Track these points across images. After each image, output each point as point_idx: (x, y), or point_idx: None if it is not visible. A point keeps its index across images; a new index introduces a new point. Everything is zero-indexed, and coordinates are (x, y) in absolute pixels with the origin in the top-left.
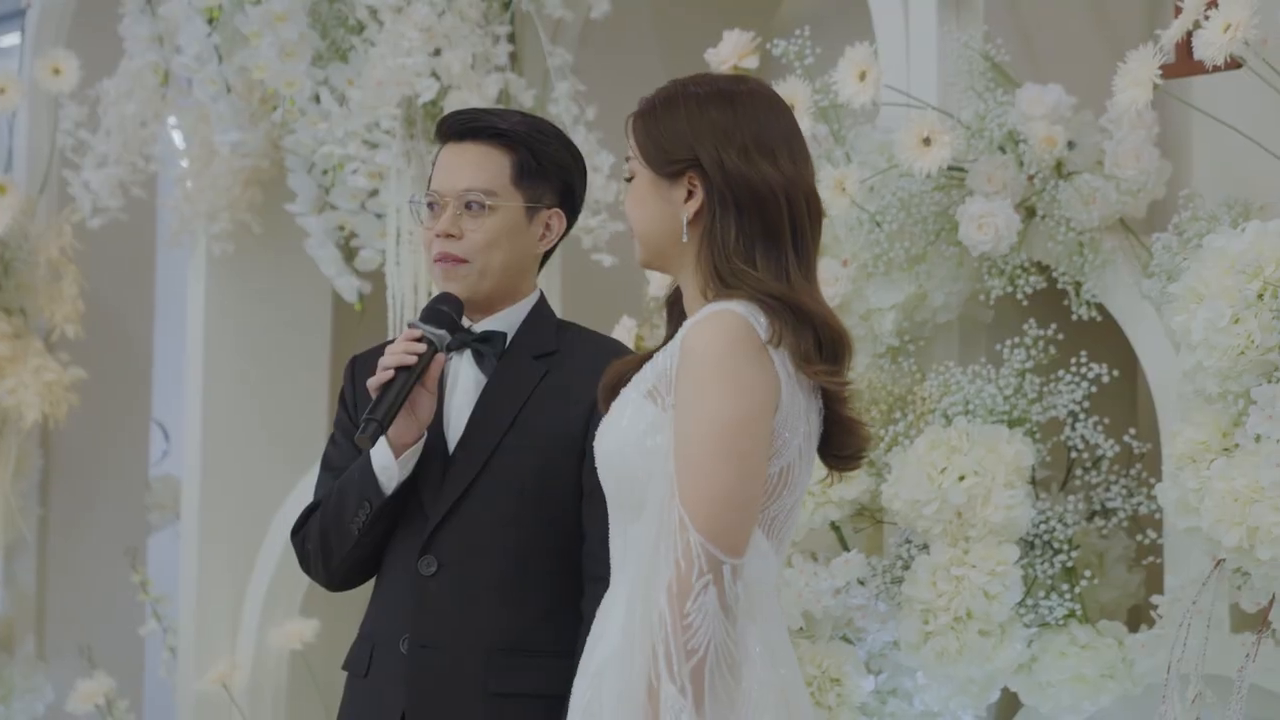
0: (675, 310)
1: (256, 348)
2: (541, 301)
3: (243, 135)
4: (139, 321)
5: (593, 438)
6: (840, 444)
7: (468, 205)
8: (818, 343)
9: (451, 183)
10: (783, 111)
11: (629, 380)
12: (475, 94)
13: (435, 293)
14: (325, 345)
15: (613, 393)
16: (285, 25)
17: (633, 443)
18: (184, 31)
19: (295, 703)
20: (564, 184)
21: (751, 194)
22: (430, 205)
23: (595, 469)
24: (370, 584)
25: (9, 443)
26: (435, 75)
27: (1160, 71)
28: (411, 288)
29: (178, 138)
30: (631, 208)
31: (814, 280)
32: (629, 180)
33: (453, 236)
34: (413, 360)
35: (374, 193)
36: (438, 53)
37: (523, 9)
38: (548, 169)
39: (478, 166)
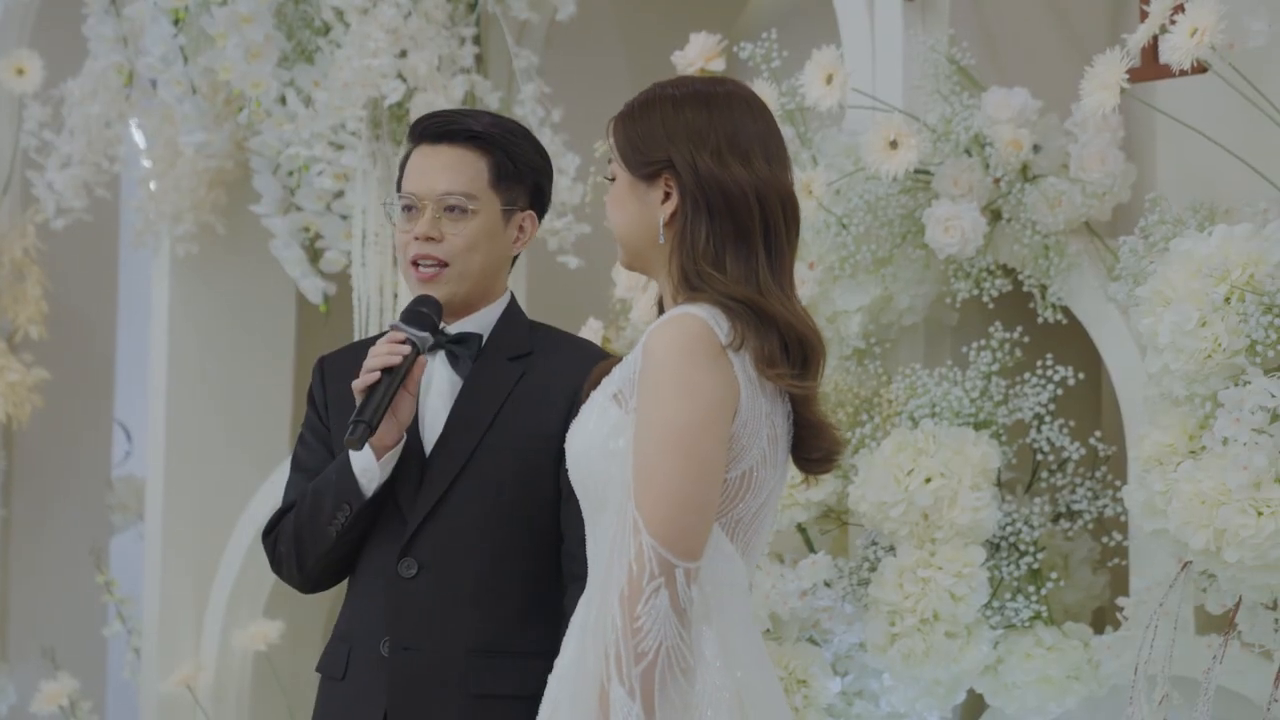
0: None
1: (220, 349)
2: (513, 303)
3: (208, 136)
4: (101, 322)
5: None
6: (810, 447)
7: (449, 209)
8: (784, 346)
9: (429, 185)
10: (760, 113)
11: None
12: (441, 95)
13: (405, 295)
14: (289, 346)
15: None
16: (251, 27)
17: (597, 445)
18: (149, 32)
19: (259, 704)
20: (535, 185)
21: (724, 196)
22: (406, 208)
23: None
24: (339, 584)
25: None
26: (401, 77)
27: (1127, 75)
28: (377, 289)
29: (139, 138)
30: (612, 209)
31: (788, 284)
32: (611, 180)
33: (432, 239)
34: (397, 361)
35: (339, 194)
36: (404, 54)
37: (488, 11)
38: (522, 171)
39: (455, 170)
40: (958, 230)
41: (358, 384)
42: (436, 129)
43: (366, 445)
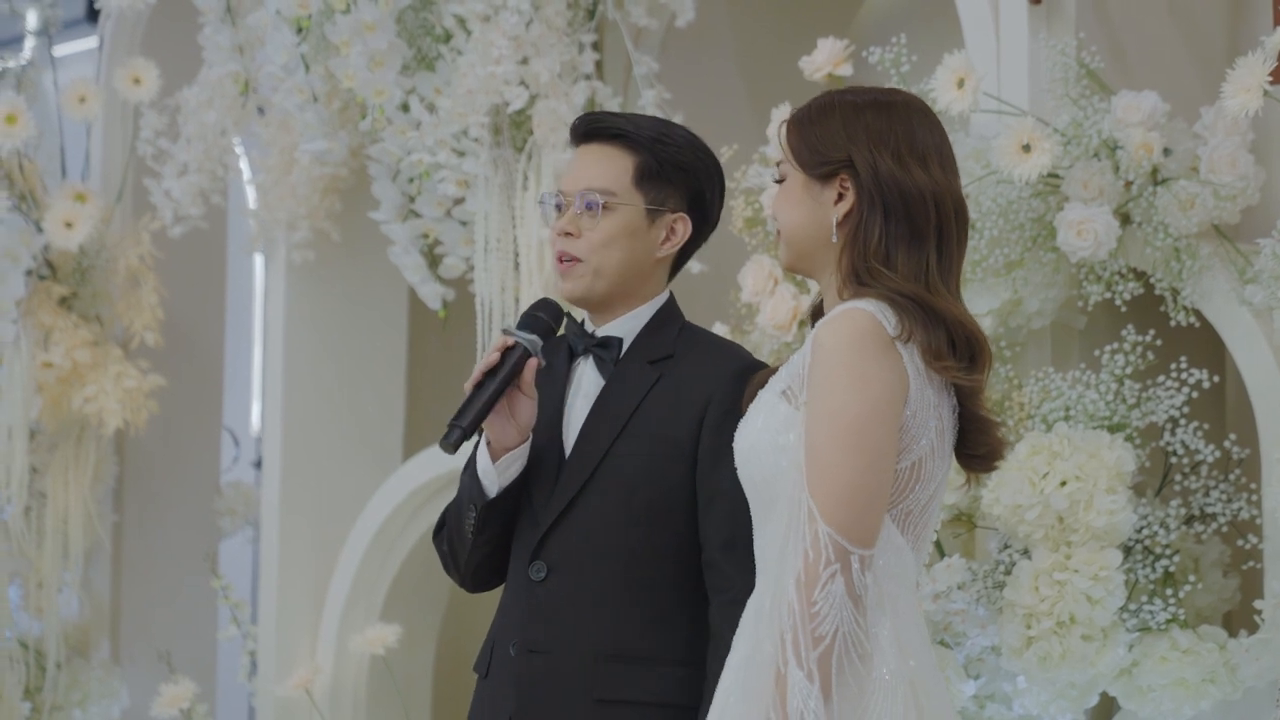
0: (818, 317)
1: (335, 354)
2: (667, 306)
3: (329, 144)
4: (210, 328)
5: (705, 443)
6: (975, 443)
7: (587, 205)
8: (950, 341)
9: (573, 182)
10: (935, 122)
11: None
12: (563, 102)
13: (526, 300)
14: (402, 351)
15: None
16: (374, 35)
17: (766, 441)
18: (271, 40)
19: (376, 707)
20: (691, 189)
21: (902, 197)
22: (558, 206)
23: (711, 476)
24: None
25: (88, 449)
26: (523, 83)
27: (1270, 78)
28: (499, 294)
29: (240, 146)
30: (781, 209)
31: (955, 287)
32: (779, 183)
33: (571, 235)
34: (495, 361)
35: (459, 200)
36: (525, 61)
37: (607, 17)
38: (668, 171)
39: (598, 166)
40: (1091, 233)
41: (467, 385)
42: (584, 127)
43: (485, 448)
